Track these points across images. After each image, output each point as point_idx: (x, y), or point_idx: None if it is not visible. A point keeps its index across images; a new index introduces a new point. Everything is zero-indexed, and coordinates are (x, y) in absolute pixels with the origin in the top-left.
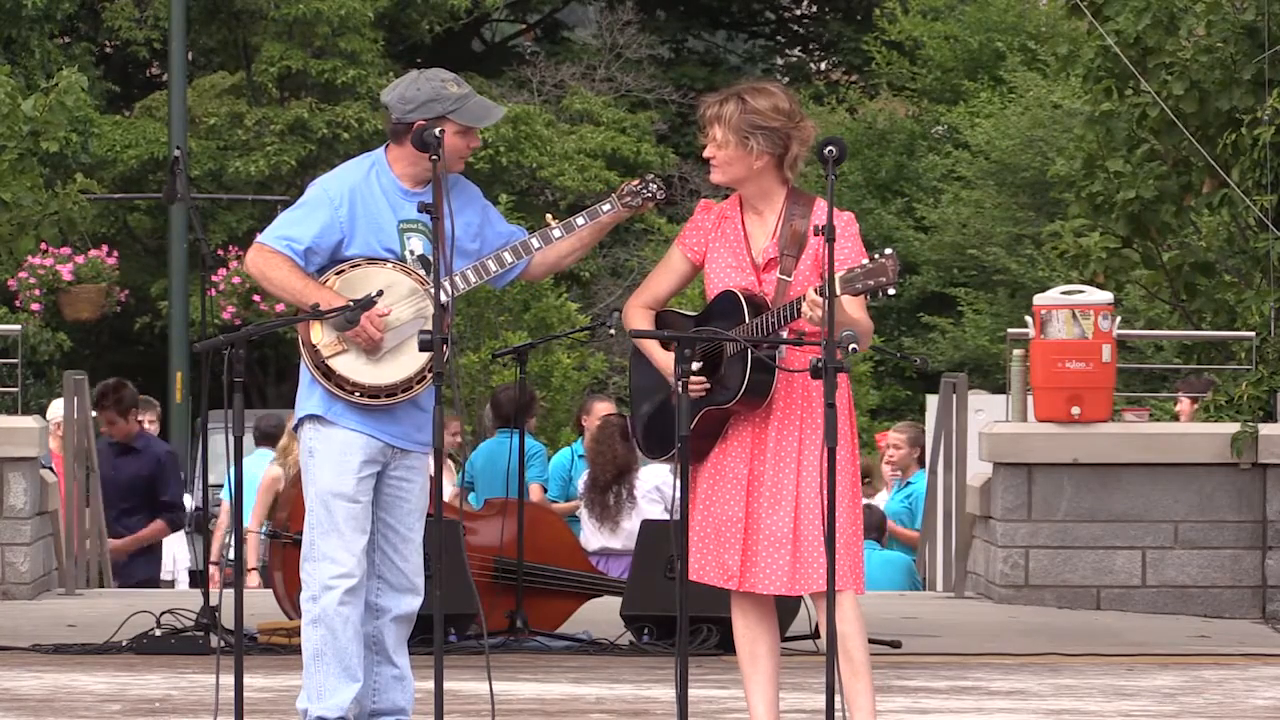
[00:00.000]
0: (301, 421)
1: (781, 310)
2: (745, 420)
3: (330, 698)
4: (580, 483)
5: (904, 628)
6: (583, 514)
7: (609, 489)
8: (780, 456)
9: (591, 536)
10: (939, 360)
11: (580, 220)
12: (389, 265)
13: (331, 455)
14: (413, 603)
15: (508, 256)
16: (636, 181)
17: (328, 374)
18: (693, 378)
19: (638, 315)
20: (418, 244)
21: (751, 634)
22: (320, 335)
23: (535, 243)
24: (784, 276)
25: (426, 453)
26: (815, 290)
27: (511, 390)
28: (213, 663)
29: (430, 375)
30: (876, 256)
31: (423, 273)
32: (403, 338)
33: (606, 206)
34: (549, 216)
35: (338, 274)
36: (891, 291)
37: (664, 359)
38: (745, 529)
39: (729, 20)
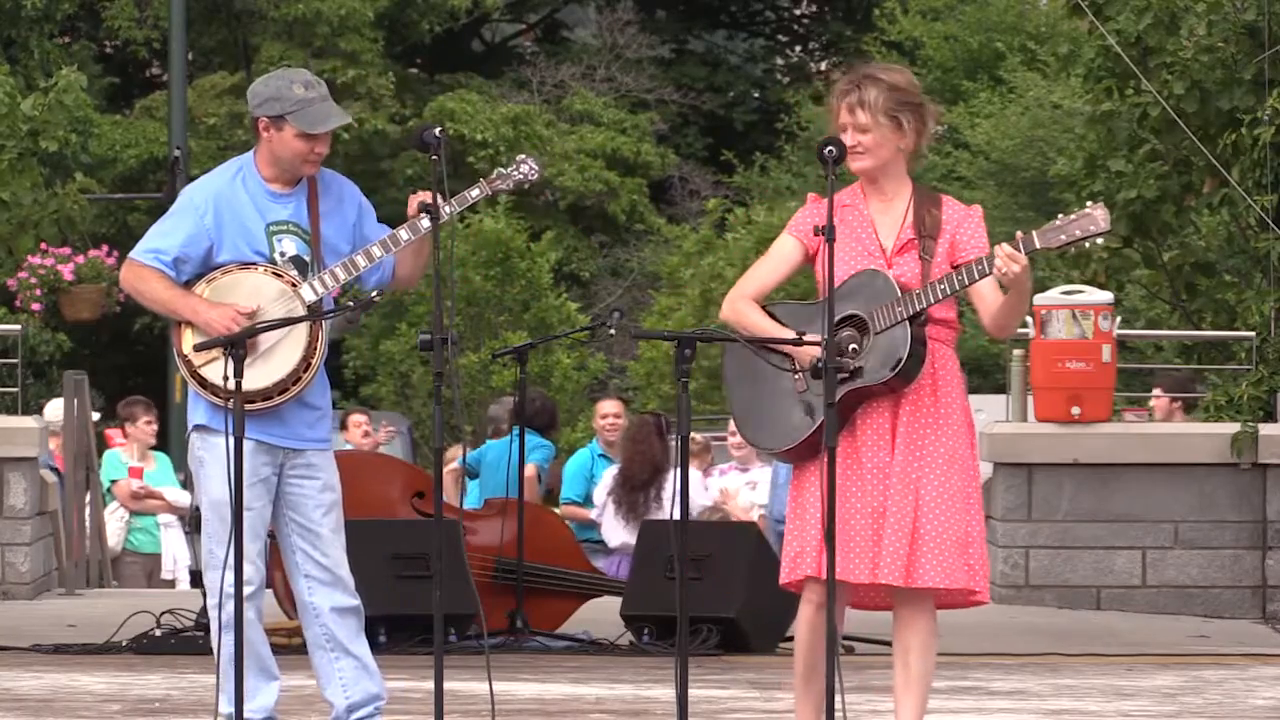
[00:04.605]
0: (192, 431)
1: (954, 276)
2: (878, 405)
3: (251, 700)
4: (607, 475)
5: None
6: (606, 509)
7: (642, 488)
8: (910, 445)
9: (614, 533)
10: None
11: (448, 209)
12: (259, 269)
13: (219, 465)
14: (344, 599)
15: (376, 251)
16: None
17: (202, 383)
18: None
19: (749, 306)
20: (290, 245)
21: (823, 647)
22: (190, 345)
23: (404, 234)
24: (926, 257)
25: (323, 449)
26: (1009, 244)
27: (538, 402)
28: (213, 663)
29: (305, 376)
30: (1080, 209)
31: (295, 273)
32: (273, 341)
33: (475, 192)
34: (414, 203)
35: (208, 282)
36: (1100, 241)
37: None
38: (882, 520)
39: (729, 20)
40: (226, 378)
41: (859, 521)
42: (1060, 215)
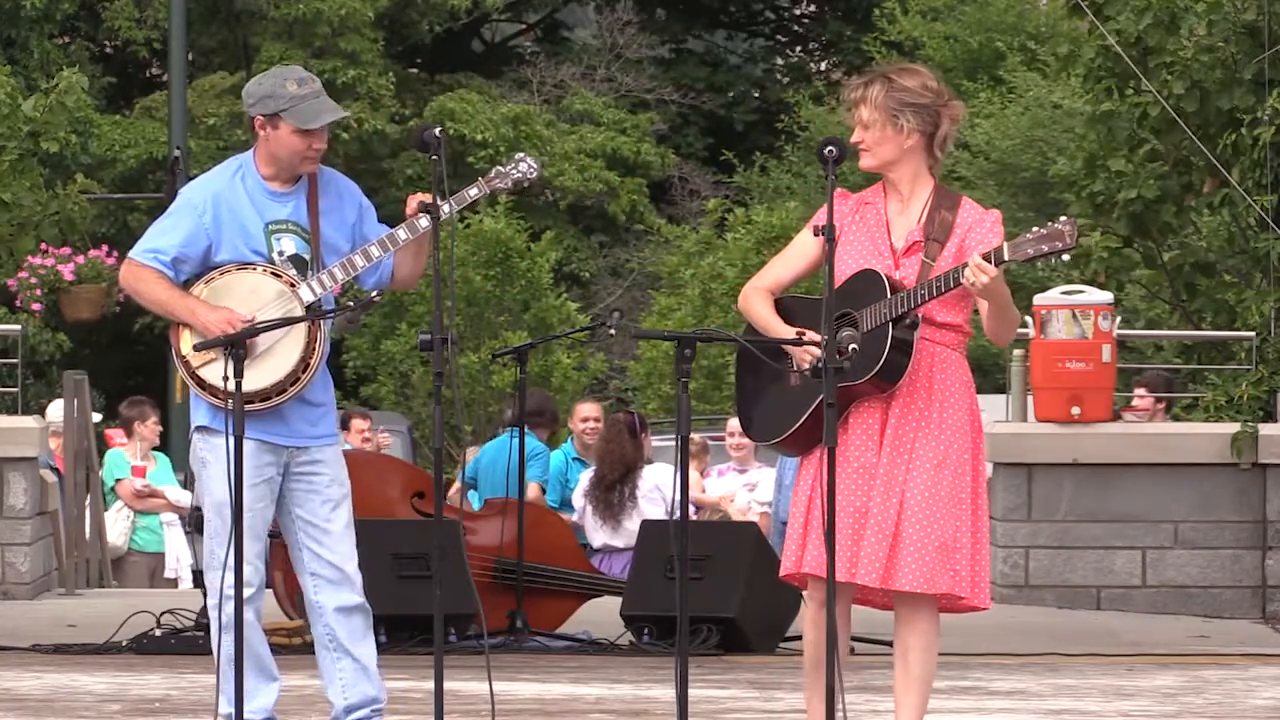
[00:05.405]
0: (194, 432)
1: (933, 283)
2: (870, 404)
3: (251, 700)
4: (584, 478)
5: None
6: (585, 510)
7: (614, 487)
8: (898, 446)
9: (595, 533)
10: None
11: (445, 208)
12: (257, 269)
13: (222, 465)
14: (350, 598)
15: (374, 250)
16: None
17: (201, 384)
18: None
19: (758, 298)
20: (289, 244)
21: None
22: (188, 346)
23: (402, 234)
24: (928, 260)
25: (328, 445)
26: (981, 255)
27: (536, 399)
28: (213, 662)
29: (304, 376)
30: (1051, 223)
31: (293, 273)
32: (272, 341)
33: (474, 191)
34: (414, 203)
35: (206, 282)
36: (1066, 257)
37: (783, 333)
38: (864, 520)
39: (729, 20)
40: (226, 378)
41: (841, 520)
42: (1034, 228)
